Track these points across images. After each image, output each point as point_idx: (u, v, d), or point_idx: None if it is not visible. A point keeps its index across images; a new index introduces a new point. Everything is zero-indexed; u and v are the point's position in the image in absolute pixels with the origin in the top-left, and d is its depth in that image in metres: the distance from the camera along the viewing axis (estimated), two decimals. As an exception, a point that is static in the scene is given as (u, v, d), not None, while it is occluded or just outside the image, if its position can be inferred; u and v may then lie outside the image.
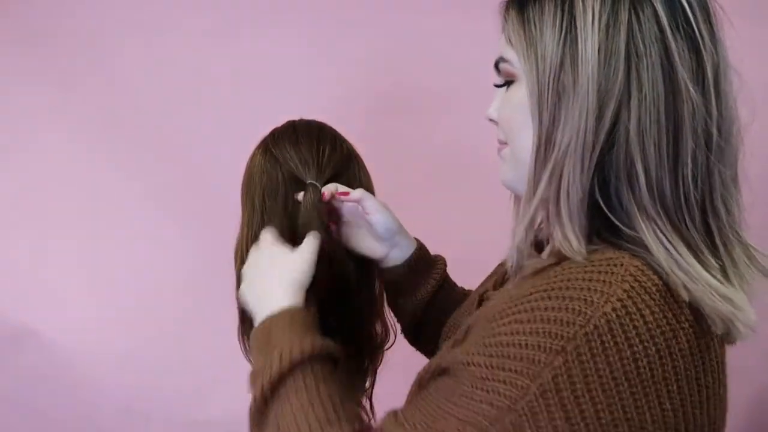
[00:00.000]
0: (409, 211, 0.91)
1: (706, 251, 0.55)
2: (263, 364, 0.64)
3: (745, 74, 0.58)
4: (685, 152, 0.54)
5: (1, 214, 1.31)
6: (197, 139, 1.30)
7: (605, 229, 0.56)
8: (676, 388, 0.52)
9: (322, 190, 0.80)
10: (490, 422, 0.52)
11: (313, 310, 0.71)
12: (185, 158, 1.31)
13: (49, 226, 1.31)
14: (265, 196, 0.83)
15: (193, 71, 1.30)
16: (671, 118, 0.54)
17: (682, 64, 0.53)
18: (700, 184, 0.55)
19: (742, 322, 0.54)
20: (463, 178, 1.29)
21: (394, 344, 0.91)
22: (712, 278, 0.54)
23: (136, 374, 1.31)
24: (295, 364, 0.63)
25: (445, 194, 1.31)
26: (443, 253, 0.92)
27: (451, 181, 1.31)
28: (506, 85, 0.63)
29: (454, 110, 1.30)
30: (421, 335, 0.90)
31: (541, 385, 0.50)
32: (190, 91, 1.30)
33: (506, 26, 0.61)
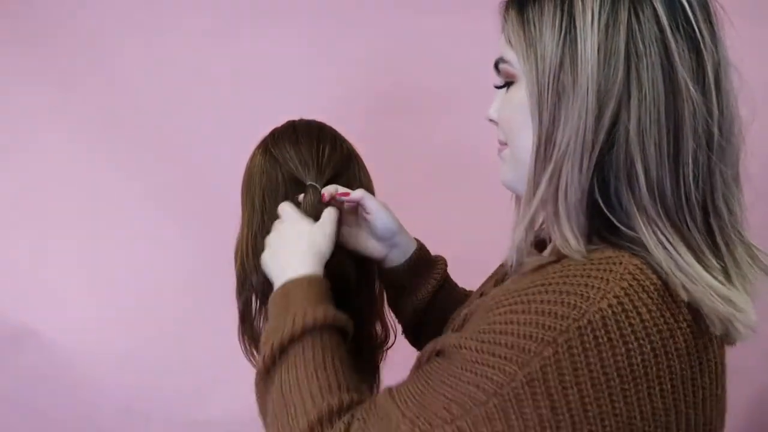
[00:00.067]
0: (409, 211, 0.91)
1: (707, 252, 0.55)
2: (276, 325, 0.67)
3: (745, 73, 0.58)
4: (685, 152, 0.54)
5: (1, 214, 1.30)
6: (197, 139, 1.30)
7: (605, 229, 0.56)
8: (670, 387, 0.52)
9: (321, 191, 0.81)
10: (475, 404, 0.53)
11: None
12: (185, 158, 1.31)
13: (49, 226, 1.31)
14: (265, 196, 0.83)
15: (193, 71, 1.30)
16: (671, 117, 0.54)
17: (682, 63, 0.53)
18: (701, 184, 0.55)
19: (742, 323, 0.54)
20: (463, 178, 1.29)
21: (394, 344, 0.91)
22: (712, 279, 0.54)
23: (136, 374, 1.31)
24: (306, 329, 0.65)
25: (445, 194, 1.31)
26: (443, 253, 0.92)
27: (451, 181, 1.31)
28: (506, 86, 0.63)
29: (454, 110, 1.30)
30: (421, 335, 0.90)
31: (528, 373, 0.51)
32: (190, 91, 1.30)
33: (506, 27, 0.61)
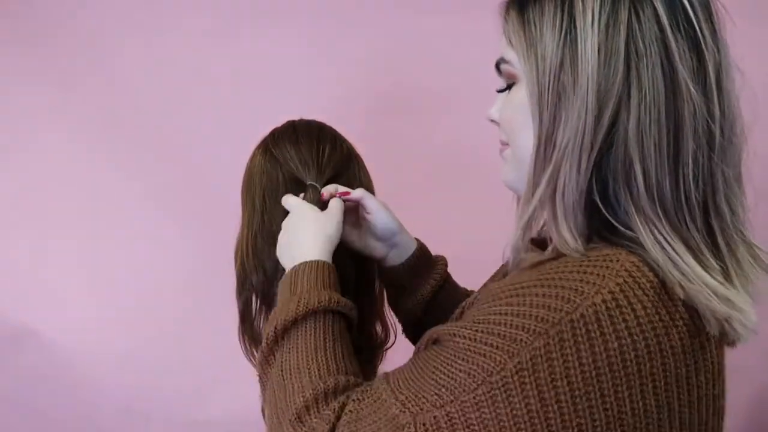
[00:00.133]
0: (409, 211, 0.91)
1: (706, 252, 0.55)
2: (281, 307, 0.68)
3: (747, 73, 0.58)
4: (685, 152, 0.54)
5: (1, 214, 1.30)
6: (197, 139, 1.30)
7: (605, 228, 0.57)
8: (663, 384, 0.53)
9: (321, 191, 0.80)
10: (464, 390, 0.53)
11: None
12: (185, 158, 1.31)
13: (49, 226, 1.31)
14: (265, 196, 0.83)
15: (193, 71, 1.30)
16: (672, 118, 0.54)
17: (682, 63, 0.53)
18: (701, 184, 0.55)
19: (741, 323, 0.54)
20: (463, 178, 1.29)
21: (394, 344, 0.91)
22: (711, 278, 0.54)
23: (136, 374, 1.31)
24: (309, 311, 0.67)
25: (445, 194, 1.31)
26: (443, 252, 0.92)
27: (451, 181, 1.31)
28: (508, 89, 0.63)
29: (454, 110, 1.30)
30: (421, 335, 0.90)
31: (518, 363, 0.51)
32: (190, 91, 1.30)
33: (506, 27, 0.61)
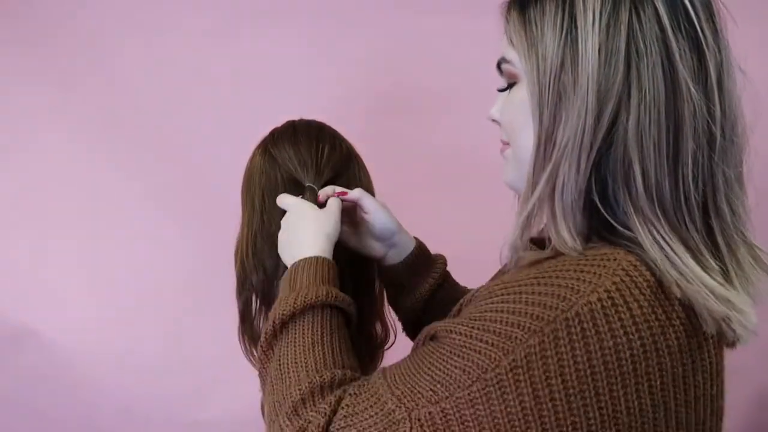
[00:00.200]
0: (409, 211, 0.91)
1: (705, 252, 0.55)
2: (280, 302, 0.68)
3: (749, 73, 0.58)
4: (685, 152, 0.54)
5: (1, 214, 1.30)
6: (197, 139, 1.30)
7: (604, 228, 0.57)
8: (659, 384, 0.53)
9: (318, 192, 0.80)
10: (459, 387, 0.53)
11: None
12: (185, 158, 1.31)
13: (49, 226, 1.30)
14: (264, 196, 0.83)
15: (193, 71, 1.30)
16: (671, 118, 0.54)
17: (683, 63, 0.53)
18: (701, 184, 0.55)
19: (740, 324, 0.54)
20: (463, 178, 1.29)
21: (394, 344, 0.91)
22: (710, 279, 0.54)
23: (136, 374, 1.30)
24: (307, 305, 0.67)
25: (445, 194, 1.31)
26: (443, 252, 0.92)
27: (451, 181, 1.31)
28: (509, 88, 0.63)
29: (454, 110, 1.30)
30: (421, 334, 0.90)
31: (513, 360, 0.52)
32: (190, 91, 1.30)
33: (508, 27, 0.61)
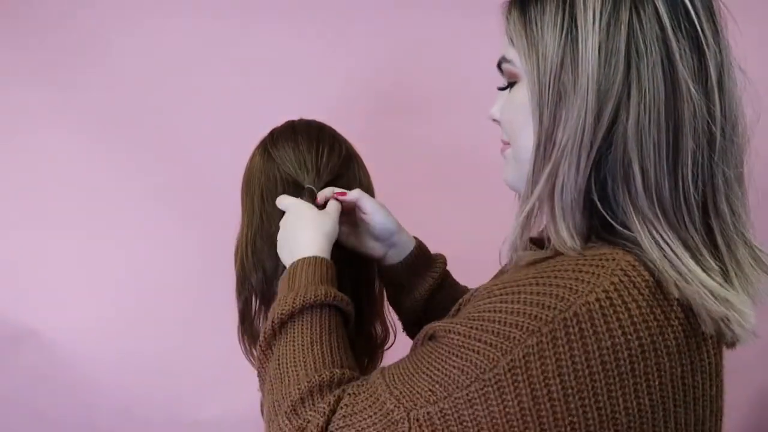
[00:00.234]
0: (409, 211, 0.91)
1: (705, 252, 0.55)
2: (279, 302, 0.69)
3: (749, 73, 0.58)
4: (685, 153, 0.54)
5: (1, 214, 1.30)
6: (197, 139, 1.30)
7: (603, 228, 0.57)
8: (657, 384, 0.53)
9: (317, 194, 0.80)
10: (457, 387, 0.54)
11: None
12: (185, 158, 1.31)
13: (48, 226, 1.30)
14: (263, 196, 0.83)
15: (193, 71, 1.30)
16: (671, 118, 0.54)
17: (683, 63, 0.53)
18: (701, 185, 0.55)
19: (739, 324, 0.54)
20: (463, 178, 1.29)
21: (394, 344, 0.91)
22: (709, 279, 0.54)
23: (136, 374, 1.30)
24: (306, 305, 0.67)
25: (445, 194, 1.31)
26: (443, 252, 0.92)
27: (451, 181, 1.31)
28: (509, 87, 0.63)
29: (454, 110, 1.30)
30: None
31: (511, 360, 0.52)
32: (189, 91, 1.30)
33: (508, 27, 0.61)
